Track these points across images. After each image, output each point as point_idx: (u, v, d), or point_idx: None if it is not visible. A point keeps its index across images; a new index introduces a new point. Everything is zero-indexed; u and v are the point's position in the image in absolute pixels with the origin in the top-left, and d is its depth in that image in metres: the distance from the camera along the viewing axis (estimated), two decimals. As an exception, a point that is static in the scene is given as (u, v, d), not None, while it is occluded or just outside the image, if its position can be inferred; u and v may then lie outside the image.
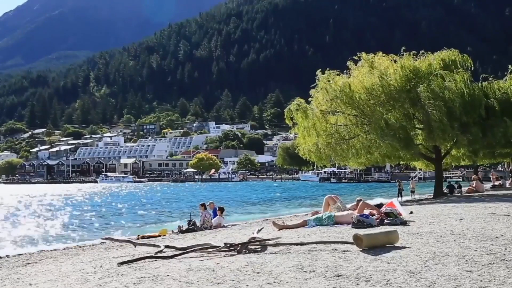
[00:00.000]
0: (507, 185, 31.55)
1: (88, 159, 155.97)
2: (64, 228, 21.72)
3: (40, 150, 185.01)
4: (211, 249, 6.92)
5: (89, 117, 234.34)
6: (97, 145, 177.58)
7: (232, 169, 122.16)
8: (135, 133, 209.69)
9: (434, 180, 28.08)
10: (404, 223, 9.26)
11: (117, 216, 28.02)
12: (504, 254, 5.58)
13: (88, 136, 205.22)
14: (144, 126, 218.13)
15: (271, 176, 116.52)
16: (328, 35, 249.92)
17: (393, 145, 20.71)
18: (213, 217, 15.60)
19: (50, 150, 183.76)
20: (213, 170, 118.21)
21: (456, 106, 19.26)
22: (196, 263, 5.85)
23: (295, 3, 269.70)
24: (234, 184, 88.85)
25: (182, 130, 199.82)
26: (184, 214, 21.29)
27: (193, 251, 6.81)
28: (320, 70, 22.10)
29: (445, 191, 25.13)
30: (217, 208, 16.13)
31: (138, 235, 14.95)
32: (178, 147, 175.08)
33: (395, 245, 6.43)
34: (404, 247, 6.28)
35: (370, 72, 20.86)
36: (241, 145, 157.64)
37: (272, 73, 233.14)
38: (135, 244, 9.28)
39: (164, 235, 14.40)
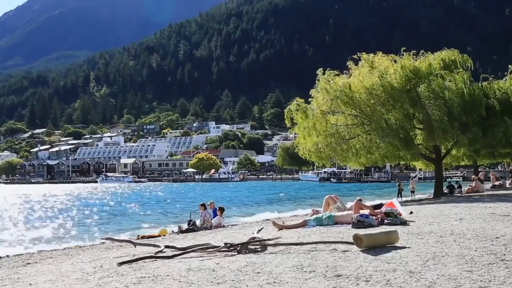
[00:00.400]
0: (507, 185, 31.55)
1: (88, 159, 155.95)
2: (64, 228, 21.70)
3: (40, 150, 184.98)
4: (211, 249, 6.92)
5: (89, 117, 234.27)
6: (97, 145, 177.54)
7: (232, 169, 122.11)
8: (135, 133, 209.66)
9: (434, 180, 28.07)
10: (404, 223, 9.26)
11: (121, 216, 27.96)
12: (504, 254, 5.58)
13: (88, 136, 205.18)
14: (144, 126, 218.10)
15: (271, 176, 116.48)
16: (328, 35, 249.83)
17: (393, 145, 20.72)
18: (213, 217, 15.60)
19: (50, 150, 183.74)
20: (213, 170, 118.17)
21: (456, 106, 19.27)
22: (196, 263, 5.85)
23: (295, 3, 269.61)
24: (237, 184, 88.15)
25: (182, 130, 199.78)
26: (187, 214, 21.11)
27: (193, 251, 6.81)
28: (322, 69, 22.12)
29: (445, 191, 25.12)
30: (217, 208, 16.14)
31: (138, 235, 14.96)
32: (178, 147, 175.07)
33: (395, 245, 6.43)
34: (404, 247, 6.28)
35: (370, 72, 20.88)
36: (241, 145, 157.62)
37: (272, 73, 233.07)
38: (135, 244, 9.28)
39: (164, 235, 14.41)
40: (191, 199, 42.22)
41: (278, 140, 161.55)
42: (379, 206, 11.03)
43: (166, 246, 7.54)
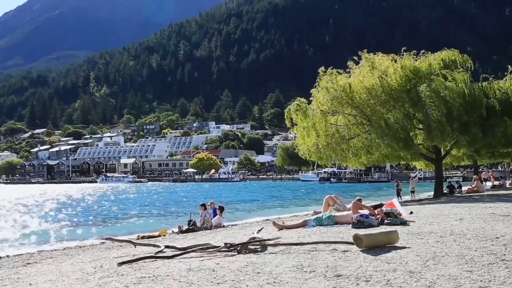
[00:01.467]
0: (507, 185, 31.54)
1: (88, 159, 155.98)
2: (65, 228, 21.68)
3: (40, 150, 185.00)
4: (211, 249, 6.92)
5: (89, 117, 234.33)
6: (97, 145, 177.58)
7: (232, 169, 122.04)
8: (135, 133, 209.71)
9: (434, 180, 28.06)
10: (404, 223, 9.26)
11: (124, 216, 27.86)
12: (504, 254, 5.57)
13: (88, 136, 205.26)
14: (144, 126, 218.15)
15: (271, 176, 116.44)
16: (328, 35, 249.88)
17: (392, 145, 20.70)
18: (213, 217, 15.61)
19: (50, 150, 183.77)
20: (213, 170, 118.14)
21: (456, 106, 19.26)
22: (196, 263, 5.85)
23: (295, 3, 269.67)
24: (241, 184, 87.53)
25: (182, 130, 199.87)
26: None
27: (193, 251, 6.81)
28: (324, 66, 22.12)
29: (445, 191, 25.10)
30: (217, 208, 16.15)
31: (138, 235, 14.95)
32: (178, 147, 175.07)
33: (395, 245, 6.43)
34: (404, 247, 6.28)
35: (371, 72, 20.86)
36: (241, 145, 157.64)
37: (272, 73, 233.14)
38: (135, 244, 9.27)
39: (164, 235, 14.42)
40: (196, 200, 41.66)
41: (278, 140, 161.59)
42: (379, 206, 11.03)
43: (166, 246, 7.54)
